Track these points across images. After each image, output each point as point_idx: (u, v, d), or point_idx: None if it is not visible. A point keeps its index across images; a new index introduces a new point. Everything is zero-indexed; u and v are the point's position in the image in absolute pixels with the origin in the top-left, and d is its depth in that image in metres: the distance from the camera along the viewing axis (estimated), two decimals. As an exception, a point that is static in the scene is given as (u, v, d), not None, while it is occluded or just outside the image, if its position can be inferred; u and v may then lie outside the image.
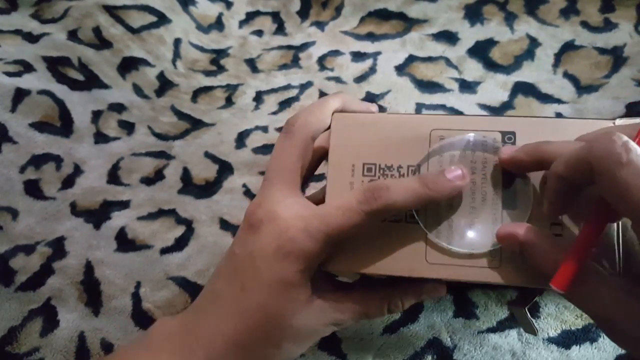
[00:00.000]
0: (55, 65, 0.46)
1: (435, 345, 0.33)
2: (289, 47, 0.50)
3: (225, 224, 0.39)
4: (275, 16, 0.53)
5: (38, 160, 0.43)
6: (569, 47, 0.44)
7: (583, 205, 0.23)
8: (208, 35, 0.52)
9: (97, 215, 0.41)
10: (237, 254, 0.27)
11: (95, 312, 0.37)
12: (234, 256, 0.27)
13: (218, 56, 0.51)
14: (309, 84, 0.46)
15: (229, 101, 0.46)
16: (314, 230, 0.25)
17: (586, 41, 0.43)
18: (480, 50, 0.45)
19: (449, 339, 0.33)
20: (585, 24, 0.45)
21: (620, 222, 0.24)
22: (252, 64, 0.49)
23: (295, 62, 0.48)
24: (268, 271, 0.25)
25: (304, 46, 0.49)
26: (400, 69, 0.45)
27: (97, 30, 0.48)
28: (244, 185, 0.41)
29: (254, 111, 0.45)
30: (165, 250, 0.38)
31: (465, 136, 0.27)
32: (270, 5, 0.54)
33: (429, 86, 0.43)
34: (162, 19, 0.50)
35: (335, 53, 0.48)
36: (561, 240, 0.24)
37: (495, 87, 0.42)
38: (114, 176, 0.43)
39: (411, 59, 0.45)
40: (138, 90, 0.47)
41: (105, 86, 0.47)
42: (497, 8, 0.47)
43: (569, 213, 0.25)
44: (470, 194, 0.26)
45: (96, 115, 0.45)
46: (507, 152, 0.25)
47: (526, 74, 0.43)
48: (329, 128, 0.29)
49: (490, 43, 0.45)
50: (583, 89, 0.41)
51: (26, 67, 0.46)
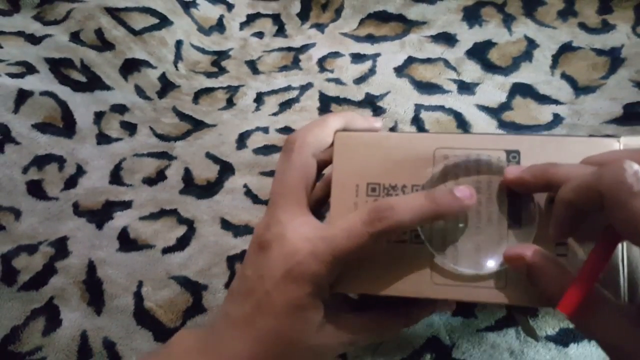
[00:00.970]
0: (58, 66, 0.47)
1: (434, 343, 0.33)
2: (289, 49, 0.50)
3: (226, 224, 0.39)
4: (276, 18, 0.54)
5: (41, 161, 0.43)
6: (566, 49, 0.44)
7: (589, 227, 0.23)
8: (209, 37, 0.53)
9: (100, 215, 0.41)
10: (248, 276, 0.27)
11: (97, 312, 0.37)
12: (246, 278, 0.27)
13: (219, 58, 0.51)
14: (309, 85, 0.46)
15: (230, 102, 0.47)
16: (321, 253, 0.25)
17: (584, 42, 0.44)
18: (479, 52, 0.45)
19: (447, 338, 0.33)
20: (582, 26, 0.45)
21: (625, 250, 0.24)
22: (253, 66, 0.50)
23: (295, 64, 0.49)
24: (279, 295, 0.25)
25: (304, 48, 0.50)
26: (400, 71, 0.45)
27: (100, 32, 0.48)
28: (245, 186, 0.41)
29: (254, 112, 0.46)
30: (167, 250, 0.39)
31: (470, 156, 0.26)
32: (270, 7, 0.54)
33: (427, 87, 0.44)
34: (164, 21, 0.50)
35: (335, 55, 0.48)
36: (568, 264, 0.24)
37: (494, 88, 0.43)
38: (116, 176, 0.43)
39: (410, 60, 0.46)
40: (140, 91, 0.48)
41: (107, 87, 0.47)
42: (496, 10, 0.47)
43: (575, 235, 0.25)
44: (475, 214, 0.26)
45: (98, 116, 0.46)
46: (513, 173, 0.25)
47: (524, 75, 0.43)
48: (331, 146, 0.28)
49: (488, 45, 0.45)
50: (581, 90, 0.42)
51: (29, 69, 0.46)
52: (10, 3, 0.52)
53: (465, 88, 0.43)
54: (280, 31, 0.53)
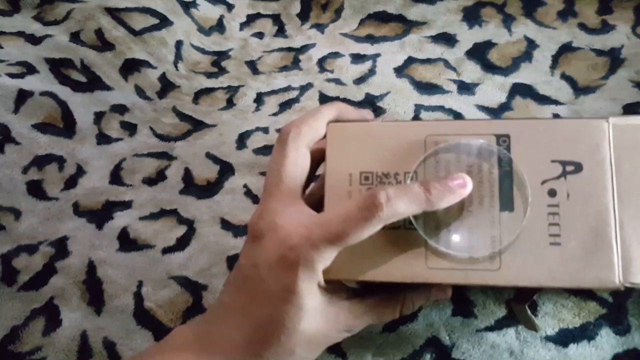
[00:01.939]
0: (58, 66, 0.47)
1: (434, 343, 0.33)
2: (289, 49, 0.50)
3: (226, 224, 0.39)
4: (276, 18, 0.54)
5: (41, 161, 0.43)
6: (566, 49, 0.44)
7: None
8: (209, 38, 0.53)
9: (100, 215, 0.41)
10: (243, 265, 0.27)
11: (97, 311, 0.37)
12: (241, 268, 0.27)
13: (219, 58, 0.51)
14: (309, 86, 0.46)
15: (230, 102, 0.47)
16: (316, 238, 0.25)
17: (583, 43, 0.44)
18: (479, 52, 0.45)
19: (447, 338, 0.33)
20: (582, 26, 0.45)
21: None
22: (253, 66, 0.50)
23: (295, 64, 0.49)
24: (273, 281, 0.25)
25: (304, 48, 0.50)
26: (399, 71, 0.45)
27: (100, 32, 0.48)
28: (245, 186, 0.41)
29: (254, 112, 0.46)
30: (167, 250, 0.39)
31: (461, 141, 0.27)
32: (270, 7, 0.54)
33: (427, 88, 0.44)
34: (164, 21, 0.50)
35: (335, 55, 0.48)
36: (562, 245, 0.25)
37: (494, 89, 0.43)
38: (116, 177, 0.43)
39: (410, 60, 0.46)
40: (140, 91, 0.48)
41: (107, 88, 0.47)
42: (495, 10, 0.47)
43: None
44: (467, 198, 0.26)
45: (98, 116, 0.46)
46: None
47: (524, 75, 0.43)
48: (324, 137, 0.29)
49: (488, 45, 0.45)
50: (580, 90, 0.42)
51: (29, 69, 0.46)
52: (10, 3, 0.52)
53: (465, 88, 0.43)
54: (280, 31, 0.53)
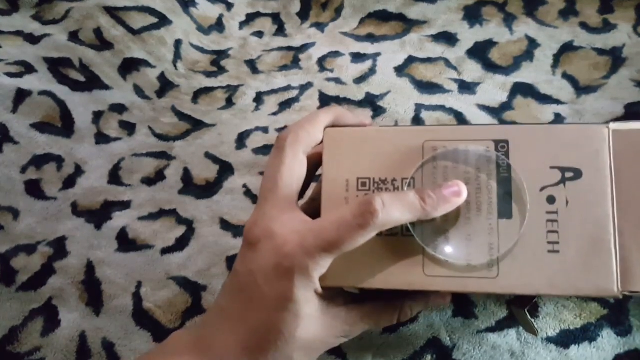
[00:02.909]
0: (57, 66, 0.47)
1: (435, 344, 0.33)
2: (289, 49, 0.50)
3: (225, 224, 0.39)
4: (276, 17, 0.53)
5: (39, 161, 0.43)
6: (567, 48, 0.44)
7: None
8: (209, 37, 0.53)
9: (98, 215, 0.41)
10: (239, 272, 0.27)
11: (96, 312, 0.37)
12: (237, 273, 0.27)
13: (218, 57, 0.51)
14: (309, 85, 0.46)
15: (230, 102, 0.47)
16: (310, 246, 0.25)
17: (585, 42, 0.44)
18: (480, 51, 0.45)
19: (448, 339, 0.33)
20: (584, 25, 0.45)
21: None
22: (253, 65, 0.49)
23: (295, 63, 0.48)
24: (269, 289, 0.25)
25: (304, 47, 0.49)
26: (400, 70, 0.45)
27: (98, 32, 0.48)
28: (245, 186, 0.41)
29: (254, 112, 0.45)
30: (166, 250, 0.39)
31: (459, 147, 0.26)
32: (270, 6, 0.54)
33: (428, 87, 0.44)
34: (163, 20, 0.50)
35: (335, 54, 0.48)
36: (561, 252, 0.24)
37: (495, 88, 0.43)
38: (115, 176, 0.43)
39: (411, 60, 0.46)
40: (139, 91, 0.48)
41: (106, 87, 0.47)
42: (496, 9, 0.47)
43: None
44: (465, 205, 0.26)
45: (97, 116, 0.45)
46: None
47: (525, 74, 0.43)
48: (322, 142, 0.29)
49: (489, 44, 0.45)
50: (582, 89, 0.41)
51: (27, 68, 0.46)
52: (9, 2, 0.52)
53: (466, 88, 0.43)
54: (280, 30, 0.52)
